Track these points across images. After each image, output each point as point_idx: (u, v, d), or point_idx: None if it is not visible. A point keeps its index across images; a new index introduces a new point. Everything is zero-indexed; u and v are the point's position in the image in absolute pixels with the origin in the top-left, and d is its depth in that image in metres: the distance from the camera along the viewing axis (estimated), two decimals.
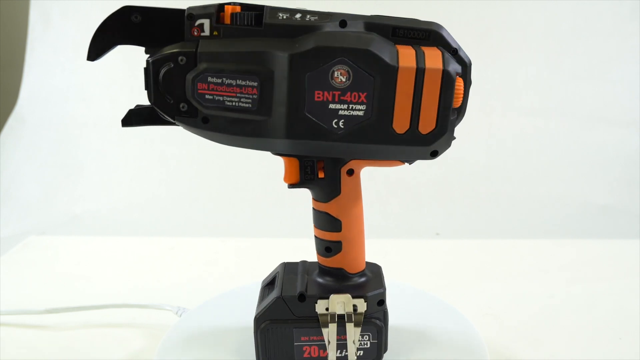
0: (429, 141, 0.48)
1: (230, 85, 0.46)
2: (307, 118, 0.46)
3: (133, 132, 1.34)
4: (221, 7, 0.46)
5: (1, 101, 1.53)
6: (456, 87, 0.47)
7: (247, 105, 0.46)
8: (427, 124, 0.47)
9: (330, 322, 0.52)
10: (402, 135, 0.47)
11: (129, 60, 1.37)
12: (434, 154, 0.49)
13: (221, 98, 0.46)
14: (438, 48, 0.47)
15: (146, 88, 0.48)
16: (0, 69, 1.58)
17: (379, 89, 0.46)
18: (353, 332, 0.53)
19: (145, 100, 0.49)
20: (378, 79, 0.45)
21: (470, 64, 0.48)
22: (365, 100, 0.46)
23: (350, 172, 0.52)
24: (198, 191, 1.23)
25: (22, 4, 1.49)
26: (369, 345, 0.54)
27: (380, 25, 0.46)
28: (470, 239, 1.00)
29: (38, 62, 1.42)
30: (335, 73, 0.45)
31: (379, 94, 0.46)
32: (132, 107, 0.52)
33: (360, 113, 0.46)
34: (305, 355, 0.54)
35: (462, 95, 0.48)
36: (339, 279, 0.55)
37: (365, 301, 0.53)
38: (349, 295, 0.52)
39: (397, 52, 0.46)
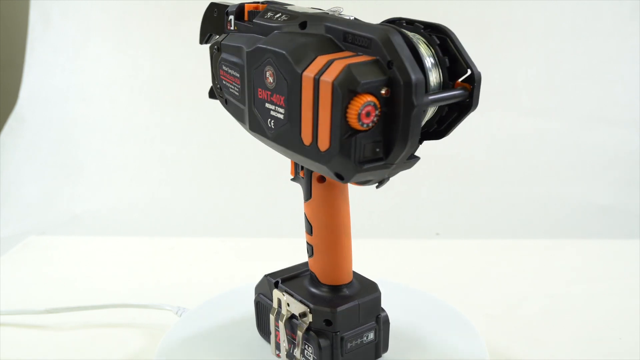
0: (326, 160, 0.42)
1: (230, 74, 0.51)
2: (255, 113, 0.49)
3: (133, 132, 1.34)
4: (242, 5, 0.51)
5: (1, 101, 1.53)
6: (353, 104, 0.39)
7: (236, 93, 0.51)
8: (323, 141, 0.41)
9: (271, 314, 0.56)
10: (308, 147, 0.43)
11: (129, 61, 1.37)
12: (340, 177, 0.42)
13: (228, 85, 0.52)
14: (376, 58, 0.40)
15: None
16: (0, 69, 1.58)
17: (291, 95, 0.43)
18: (284, 332, 0.54)
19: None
20: (290, 84, 0.43)
21: (417, 82, 0.38)
22: (284, 105, 0.45)
23: (322, 179, 0.51)
24: (198, 191, 1.23)
25: (22, 4, 1.49)
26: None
27: (335, 29, 0.43)
28: (470, 239, 1.00)
29: (38, 62, 1.42)
30: (266, 73, 0.46)
31: (290, 100, 0.44)
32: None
33: (281, 116, 0.45)
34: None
35: (367, 117, 0.39)
36: (311, 283, 0.55)
37: (310, 312, 0.52)
38: (292, 298, 0.53)
39: (313, 59, 0.41)
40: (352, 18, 0.45)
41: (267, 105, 0.47)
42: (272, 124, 0.47)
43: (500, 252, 0.94)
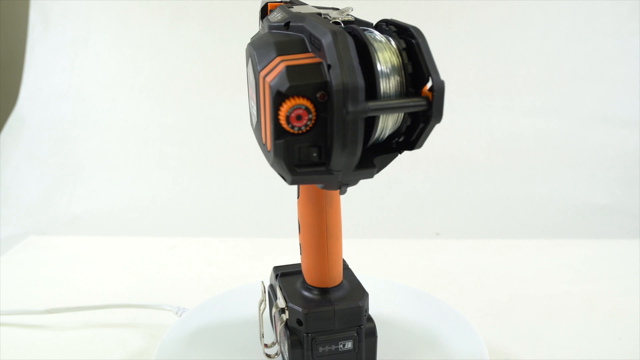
0: (270, 161, 0.42)
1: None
2: (249, 109, 0.50)
3: (133, 132, 1.34)
4: (266, 4, 0.52)
5: (1, 101, 1.53)
6: (283, 107, 0.38)
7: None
8: (268, 141, 0.41)
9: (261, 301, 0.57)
10: (264, 146, 0.43)
11: (129, 61, 1.37)
12: (284, 179, 0.42)
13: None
14: (322, 60, 0.39)
15: None
16: (0, 69, 1.58)
17: (257, 93, 0.43)
18: (261, 324, 0.56)
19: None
20: (256, 83, 0.43)
21: (352, 87, 0.37)
22: (256, 103, 0.45)
23: None
24: (198, 191, 1.23)
25: (22, 4, 1.49)
26: (285, 355, 0.53)
27: (304, 30, 0.42)
28: (470, 239, 1.00)
29: (38, 62, 1.42)
30: (248, 71, 0.47)
31: (257, 98, 0.44)
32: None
33: (255, 113, 0.46)
34: None
35: (298, 120, 0.39)
36: (303, 282, 0.55)
37: (286, 309, 0.52)
38: (280, 293, 0.55)
39: (273, 59, 0.41)
40: (341, 19, 0.45)
41: (250, 102, 0.48)
42: (253, 120, 0.48)
43: (500, 252, 0.94)
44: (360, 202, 1.17)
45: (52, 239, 1.05)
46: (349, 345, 0.52)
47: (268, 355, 0.56)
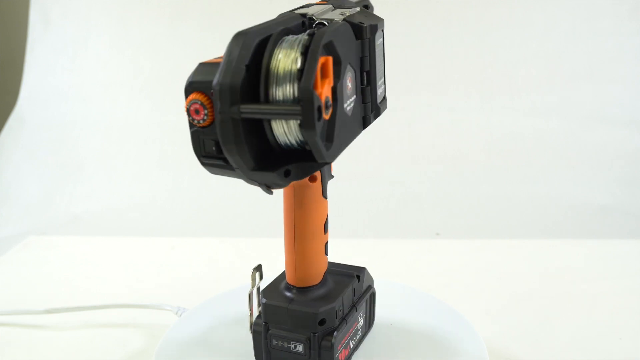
0: None
1: None
2: None
3: (133, 132, 1.34)
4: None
5: (1, 101, 1.53)
6: (187, 100, 0.41)
7: None
8: None
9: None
10: None
11: (129, 61, 1.37)
12: None
13: None
14: None
15: None
16: (0, 69, 1.58)
17: None
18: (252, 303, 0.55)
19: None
20: None
21: (219, 87, 0.38)
22: None
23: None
24: (198, 191, 1.23)
25: (22, 4, 1.49)
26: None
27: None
28: (470, 239, 1.00)
29: (38, 62, 1.42)
30: None
31: None
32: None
33: None
34: None
35: (196, 114, 0.41)
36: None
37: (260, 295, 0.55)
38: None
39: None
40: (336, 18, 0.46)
41: None
42: None
43: (500, 252, 0.94)
44: (360, 202, 1.17)
45: (52, 239, 1.05)
46: (299, 348, 0.52)
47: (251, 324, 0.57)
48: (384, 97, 0.54)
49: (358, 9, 0.50)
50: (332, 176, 0.55)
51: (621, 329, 0.70)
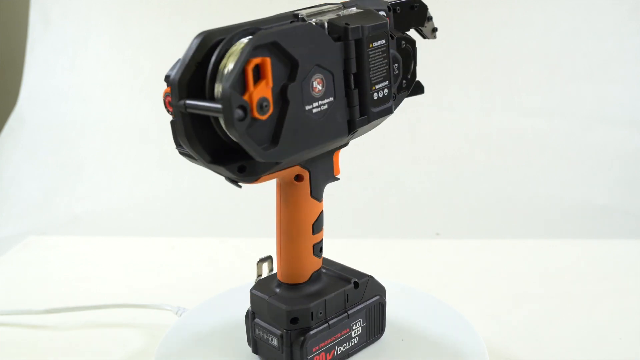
0: None
1: None
2: None
3: (133, 132, 1.34)
4: None
5: (1, 101, 1.53)
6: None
7: None
8: None
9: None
10: None
11: (129, 61, 1.37)
12: None
13: None
14: None
15: None
16: (0, 69, 1.58)
17: None
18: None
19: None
20: None
21: (169, 82, 0.42)
22: None
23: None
24: (198, 191, 1.23)
25: (22, 4, 1.49)
26: None
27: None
28: (470, 239, 1.00)
29: (38, 62, 1.42)
30: None
31: None
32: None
33: None
34: None
35: (170, 105, 0.43)
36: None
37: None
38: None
39: None
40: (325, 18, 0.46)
41: None
42: None
43: (500, 252, 0.94)
44: (361, 202, 1.17)
45: (52, 239, 1.05)
46: (274, 341, 0.53)
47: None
48: (388, 102, 0.51)
49: (354, 9, 0.49)
50: (337, 179, 0.55)
51: (621, 329, 0.70)
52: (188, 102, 0.41)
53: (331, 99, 0.46)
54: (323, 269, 0.58)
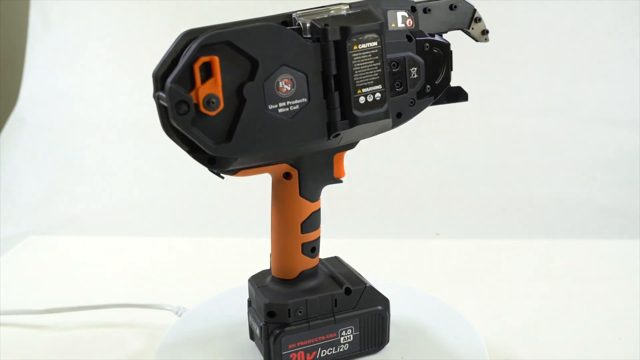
0: None
1: None
2: None
3: (133, 132, 1.34)
4: None
5: (1, 101, 1.53)
6: None
7: None
8: None
9: None
10: None
11: (129, 61, 1.37)
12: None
13: None
14: None
15: None
16: (0, 69, 1.58)
17: None
18: None
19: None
20: None
21: (154, 75, 0.45)
22: None
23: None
24: (198, 191, 1.23)
25: (22, 4, 1.49)
26: None
27: None
28: (470, 239, 1.00)
29: (38, 62, 1.42)
30: None
31: None
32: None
33: None
34: None
35: None
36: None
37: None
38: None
39: None
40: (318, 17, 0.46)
41: None
42: None
43: (500, 252, 0.94)
44: (361, 202, 1.17)
45: (52, 239, 1.05)
46: (257, 332, 0.55)
47: None
48: (381, 106, 0.49)
49: (345, 10, 0.48)
50: (339, 181, 0.54)
51: (621, 329, 0.70)
52: (160, 94, 0.43)
53: (304, 99, 0.46)
54: (325, 270, 0.58)
